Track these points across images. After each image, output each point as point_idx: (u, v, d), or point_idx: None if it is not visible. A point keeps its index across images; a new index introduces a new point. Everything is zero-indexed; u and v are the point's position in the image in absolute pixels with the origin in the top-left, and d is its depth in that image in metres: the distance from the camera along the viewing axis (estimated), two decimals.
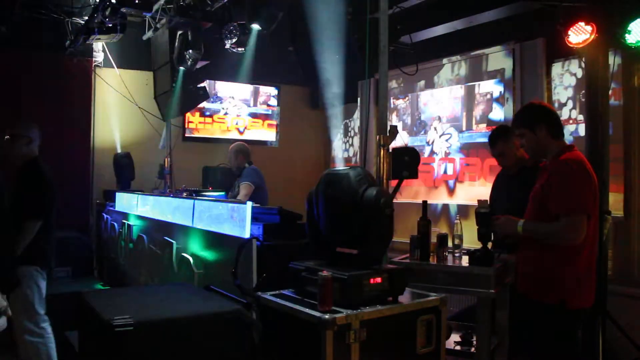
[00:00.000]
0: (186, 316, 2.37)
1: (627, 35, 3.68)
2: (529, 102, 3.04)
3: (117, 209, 5.64)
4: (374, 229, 2.26)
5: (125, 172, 6.03)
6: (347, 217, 2.30)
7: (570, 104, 4.72)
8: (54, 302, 3.55)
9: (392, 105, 6.46)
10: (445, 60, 5.87)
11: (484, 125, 5.45)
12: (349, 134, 7.37)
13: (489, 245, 2.95)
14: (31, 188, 3.46)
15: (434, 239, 3.13)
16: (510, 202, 3.27)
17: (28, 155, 3.60)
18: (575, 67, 4.68)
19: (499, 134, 3.52)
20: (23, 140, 3.60)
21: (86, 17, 4.98)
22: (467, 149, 5.63)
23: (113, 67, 6.30)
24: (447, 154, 5.85)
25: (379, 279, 2.22)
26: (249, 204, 3.05)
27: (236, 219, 3.15)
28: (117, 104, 6.40)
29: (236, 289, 2.59)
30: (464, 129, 5.68)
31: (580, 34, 3.80)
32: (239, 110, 7.22)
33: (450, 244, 3.19)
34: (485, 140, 5.39)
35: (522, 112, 2.85)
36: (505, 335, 3.18)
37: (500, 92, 5.32)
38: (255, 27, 4.81)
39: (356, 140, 7.17)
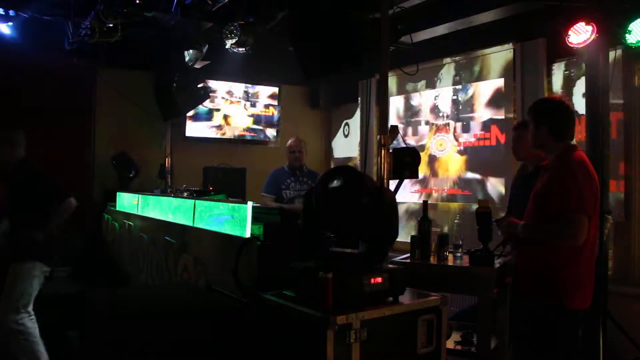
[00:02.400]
0: (187, 316, 2.37)
1: (627, 35, 3.68)
2: (547, 96, 3.03)
3: (117, 208, 5.65)
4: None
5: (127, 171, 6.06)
6: (351, 214, 2.30)
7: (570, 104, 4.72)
8: (54, 302, 3.55)
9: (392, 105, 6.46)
10: (445, 60, 5.87)
11: (484, 125, 5.45)
12: (349, 133, 7.36)
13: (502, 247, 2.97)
14: (41, 181, 3.63)
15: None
16: (527, 201, 3.28)
17: (17, 159, 3.71)
18: (576, 67, 4.68)
19: (522, 122, 3.53)
20: (6, 144, 3.69)
21: (86, 17, 4.97)
22: (467, 149, 5.63)
23: (113, 67, 6.29)
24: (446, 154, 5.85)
25: (379, 279, 2.22)
26: (250, 203, 3.05)
27: (236, 219, 3.14)
28: (118, 103, 6.40)
29: (236, 289, 2.59)
30: (463, 129, 5.67)
31: (580, 34, 3.80)
32: (239, 110, 7.21)
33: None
34: (484, 140, 5.43)
35: (534, 104, 2.87)
36: (505, 335, 3.18)
37: (501, 92, 5.31)
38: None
39: (357, 140, 7.16)
